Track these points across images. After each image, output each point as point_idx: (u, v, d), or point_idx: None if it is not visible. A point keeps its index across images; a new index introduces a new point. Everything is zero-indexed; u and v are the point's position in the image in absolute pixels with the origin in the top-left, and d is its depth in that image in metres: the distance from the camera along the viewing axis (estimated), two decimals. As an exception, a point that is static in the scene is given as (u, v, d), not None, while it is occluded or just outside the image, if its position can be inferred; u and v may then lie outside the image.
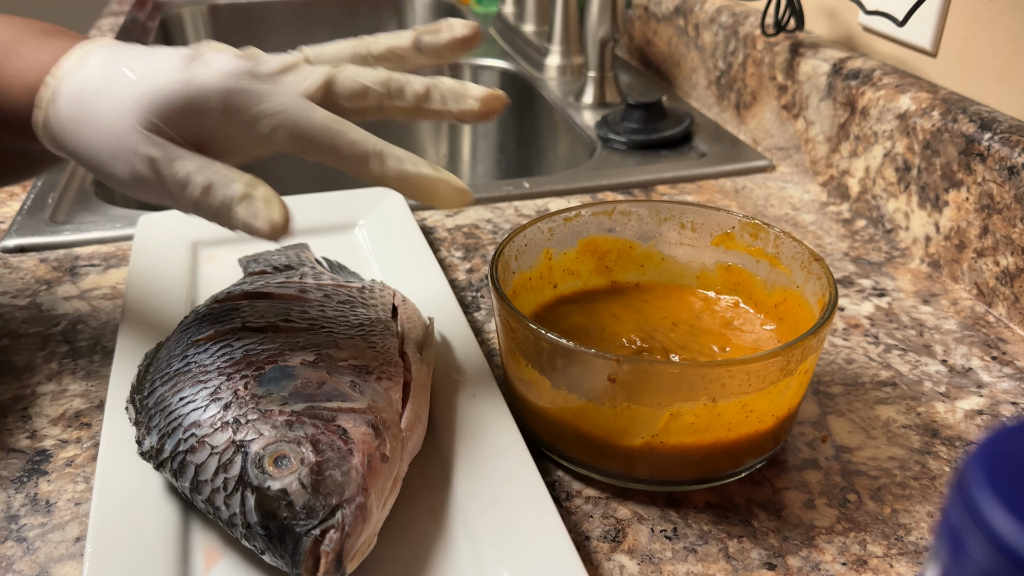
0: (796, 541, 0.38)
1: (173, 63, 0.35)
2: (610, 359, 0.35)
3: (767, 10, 0.73)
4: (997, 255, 0.53)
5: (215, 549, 0.35)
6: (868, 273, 0.59)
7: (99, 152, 0.35)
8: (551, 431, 0.41)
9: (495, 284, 0.40)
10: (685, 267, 0.49)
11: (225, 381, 0.37)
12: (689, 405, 0.36)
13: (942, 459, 0.43)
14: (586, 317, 0.47)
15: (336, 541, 0.31)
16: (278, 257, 0.53)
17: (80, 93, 0.35)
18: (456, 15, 1.28)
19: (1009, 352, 0.51)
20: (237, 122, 0.35)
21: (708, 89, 0.86)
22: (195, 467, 0.34)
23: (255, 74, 0.35)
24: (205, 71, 0.35)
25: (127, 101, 0.35)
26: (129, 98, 0.35)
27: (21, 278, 0.57)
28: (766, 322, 0.46)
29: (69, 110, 0.36)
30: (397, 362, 0.40)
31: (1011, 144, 0.52)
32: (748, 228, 0.46)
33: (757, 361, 0.35)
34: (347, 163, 0.35)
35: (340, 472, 0.33)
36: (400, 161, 0.35)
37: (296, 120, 0.35)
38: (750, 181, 0.73)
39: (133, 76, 0.35)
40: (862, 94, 0.64)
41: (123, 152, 0.34)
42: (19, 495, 0.40)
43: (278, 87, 0.35)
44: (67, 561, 0.36)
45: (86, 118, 0.35)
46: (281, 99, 0.35)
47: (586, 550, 0.37)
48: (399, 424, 0.37)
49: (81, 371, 0.48)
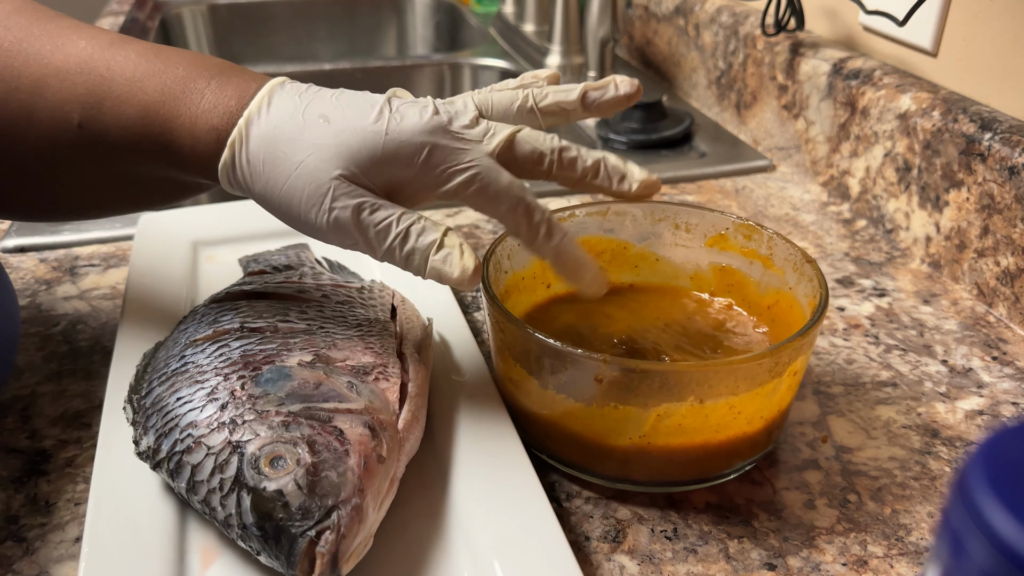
0: (796, 541, 0.38)
1: (367, 112, 0.36)
2: (596, 359, 0.35)
3: (767, 10, 0.73)
4: (997, 255, 0.53)
5: (211, 549, 0.35)
6: (868, 273, 0.59)
7: (293, 199, 0.36)
8: (542, 432, 0.41)
9: (485, 283, 0.40)
10: (679, 268, 0.49)
11: (222, 381, 0.37)
12: (676, 406, 0.36)
13: (942, 459, 0.42)
14: (579, 317, 0.47)
15: (332, 542, 0.31)
16: (278, 257, 0.53)
17: (273, 140, 0.36)
18: (456, 16, 1.28)
19: (1009, 352, 0.50)
20: (430, 175, 0.36)
21: (708, 89, 0.86)
22: (191, 467, 0.34)
23: (448, 130, 0.36)
24: (402, 125, 0.36)
25: (325, 151, 0.35)
26: (327, 148, 0.35)
27: (21, 278, 0.57)
28: (759, 324, 0.46)
29: (261, 156, 0.36)
30: (395, 363, 0.40)
31: (1011, 144, 0.52)
32: (742, 229, 0.46)
33: (744, 362, 0.35)
34: (518, 228, 0.37)
35: (336, 473, 0.32)
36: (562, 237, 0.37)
37: (486, 179, 0.36)
38: (750, 181, 0.73)
39: (329, 125, 0.36)
40: (862, 94, 0.64)
41: (321, 200, 0.35)
42: (19, 495, 0.40)
43: (469, 144, 0.36)
44: (67, 561, 0.36)
45: (281, 164, 0.35)
46: (472, 156, 0.36)
47: (586, 550, 0.37)
48: (396, 425, 0.37)
49: (81, 371, 0.48)
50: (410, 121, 0.36)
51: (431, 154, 0.36)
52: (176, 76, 0.37)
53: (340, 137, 0.35)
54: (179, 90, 0.37)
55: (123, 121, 0.37)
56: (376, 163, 0.35)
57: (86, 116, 0.37)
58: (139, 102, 0.37)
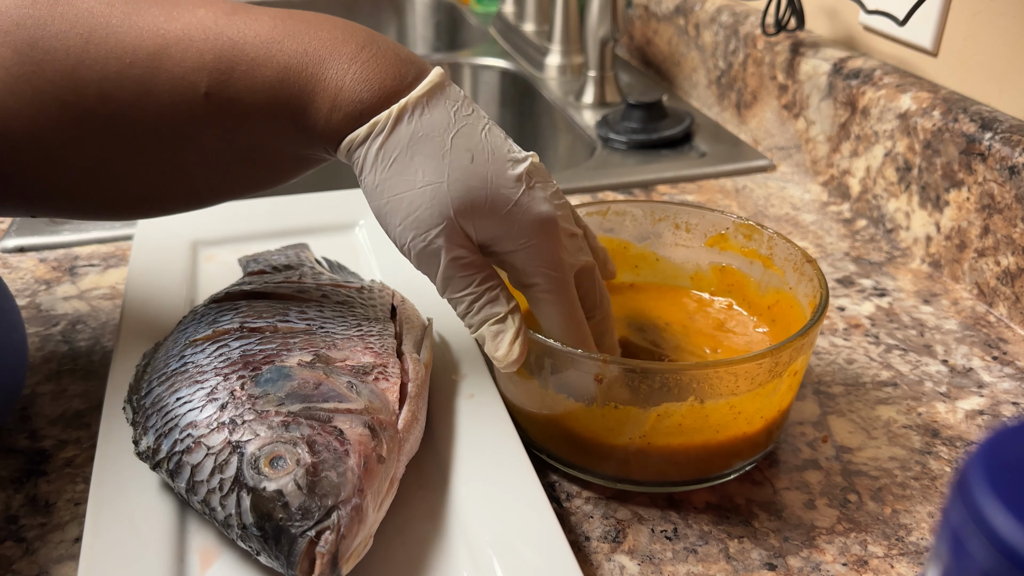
0: (797, 541, 0.38)
1: (507, 171, 0.36)
2: (596, 359, 0.35)
3: (767, 9, 0.73)
4: (998, 255, 0.53)
5: (211, 550, 0.35)
6: (869, 273, 0.59)
7: (400, 212, 0.35)
8: (542, 432, 0.41)
9: None
10: (679, 268, 0.49)
11: (222, 381, 0.37)
12: (676, 406, 0.36)
13: (943, 459, 0.42)
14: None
15: (331, 542, 0.31)
16: (278, 257, 0.53)
17: (413, 146, 0.35)
18: (456, 16, 1.28)
19: (1010, 352, 0.50)
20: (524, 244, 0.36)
21: (708, 89, 0.86)
22: (191, 467, 0.34)
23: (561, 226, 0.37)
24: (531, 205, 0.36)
25: (455, 188, 0.35)
26: (458, 185, 0.35)
27: (20, 278, 0.57)
28: (759, 324, 0.46)
29: (394, 155, 0.35)
30: (395, 363, 0.40)
31: (1012, 144, 0.52)
32: (742, 229, 0.46)
33: (743, 362, 0.35)
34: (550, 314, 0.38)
35: (336, 473, 0.32)
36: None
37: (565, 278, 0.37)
38: (750, 181, 0.73)
39: (471, 164, 0.35)
40: (863, 94, 0.64)
41: (426, 231, 0.35)
42: (18, 495, 0.40)
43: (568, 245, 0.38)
44: (66, 562, 0.36)
45: (408, 175, 0.35)
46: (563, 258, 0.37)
47: (586, 551, 0.37)
48: (396, 425, 0.37)
49: (80, 371, 0.48)
50: (539, 204, 0.36)
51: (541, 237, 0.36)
52: (321, 38, 0.36)
53: (472, 182, 0.35)
54: (326, 52, 0.35)
55: (258, 84, 0.35)
56: (492, 223, 0.36)
57: (215, 82, 0.35)
58: (278, 63, 0.35)
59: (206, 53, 0.35)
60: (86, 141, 0.36)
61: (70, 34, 0.35)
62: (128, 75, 0.35)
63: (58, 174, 0.38)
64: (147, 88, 0.36)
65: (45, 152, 0.37)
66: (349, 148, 0.36)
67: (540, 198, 0.36)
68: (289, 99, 0.36)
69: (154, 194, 0.41)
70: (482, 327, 0.37)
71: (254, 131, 0.37)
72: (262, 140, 0.38)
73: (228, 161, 0.39)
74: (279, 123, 0.36)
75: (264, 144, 0.38)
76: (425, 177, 0.35)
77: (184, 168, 0.39)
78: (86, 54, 0.35)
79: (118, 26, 0.36)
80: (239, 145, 0.38)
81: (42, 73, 0.35)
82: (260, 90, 0.35)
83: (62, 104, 0.35)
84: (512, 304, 0.37)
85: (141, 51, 0.35)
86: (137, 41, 0.35)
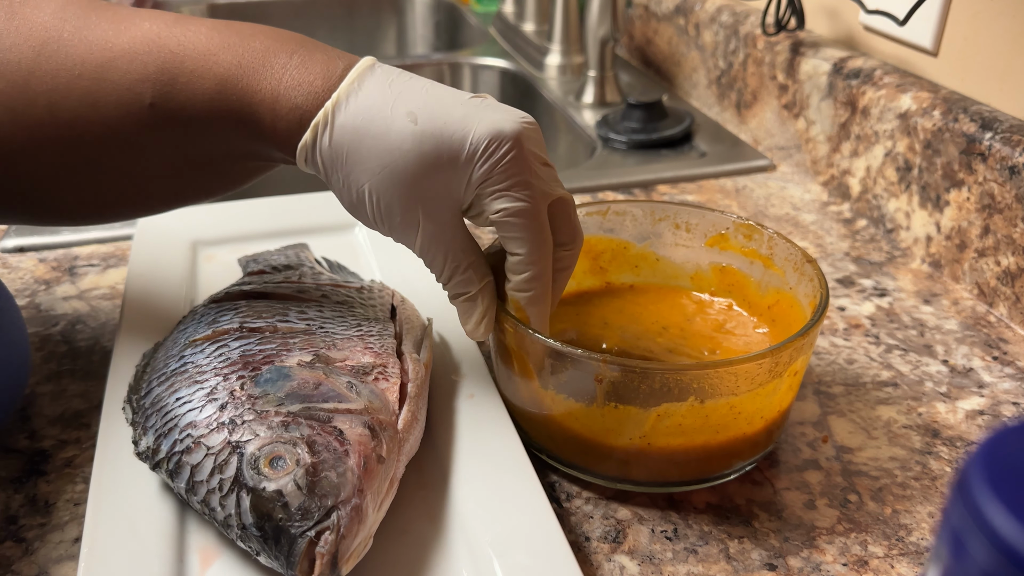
0: (797, 542, 0.37)
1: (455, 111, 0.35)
2: (596, 359, 0.35)
3: (768, 9, 0.73)
4: (998, 255, 0.53)
5: (211, 550, 0.35)
6: (869, 273, 0.59)
7: (367, 203, 0.36)
8: (542, 432, 0.41)
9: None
10: (679, 268, 0.49)
11: (222, 382, 0.37)
12: (676, 406, 0.36)
13: (943, 459, 0.42)
14: (579, 318, 0.47)
15: (331, 543, 0.31)
16: (277, 257, 0.53)
17: (358, 133, 0.35)
18: (456, 15, 1.28)
19: (1010, 352, 0.50)
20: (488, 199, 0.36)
21: (708, 88, 0.86)
22: (191, 468, 0.34)
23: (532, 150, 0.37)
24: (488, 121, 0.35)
25: (409, 158, 0.35)
26: (410, 155, 0.35)
27: (20, 278, 0.57)
28: (759, 325, 0.46)
29: (345, 148, 0.35)
30: (395, 363, 0.40)
31: (1012, 144, 0.52)
32: (742, 229, 0.46)
33: (743, 363, 0.35)
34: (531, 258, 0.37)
35: (336, 473, 0.32)
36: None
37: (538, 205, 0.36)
38: (751, 181, 0.73)
39: (415, 126, 0.35)
40: (863, 93, 0.64)
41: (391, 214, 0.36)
42: (18, 495, 0.40)
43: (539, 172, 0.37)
44: (66, 562, 0.36)
45: (364, 163, 0.35)
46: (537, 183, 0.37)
47: (586, 551, 0.37)
48: (396, 425, 0.37)
49: (80, 371, 0.48)
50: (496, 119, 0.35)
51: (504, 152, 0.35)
52: (253, 49, 0.37)
53: (424, 147, 0.35)
54: (258, 63, 0.36)
55: (198, 95, 0.36)
56: (456, 172, 0.35)
57: (158, 94, 0.36)
58: (215, 75, 0.36)
59: (149, 65, 0.36)
60: (38, 151, 0.37)
61: (23, 47, 0.36)
62: (76, 87, 0.36)
63: (12, 183, 0.39)
64: (95, 99, 0.36)
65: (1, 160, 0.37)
66: (304, 158, 0.36)
67: (499, 118, 0.35)
68: (230, 109, 0.36)
69: (108, 202, 0.41)
70: (455, 300, 0.39)
71: (202, 139, 0.38)
72: (212, 148, 0.38)
73: (179, 169, 0.39)
74: (226, 131, 0.37)
75: (214, 152, 0.39)
76: (379, 160, 0.35)
77: (135, 177, 0.40)
78: (37, 66, 0.36)
79: (69, 40, 0.37)
80: (188, 153, 0.38)
81: None
82: (200, 101, 0.36)
83: (13, 114, 0.36)
84: (484, 282, 0.38)
85: (90, 63, 0.36)
86: (86, 54, 0.36)
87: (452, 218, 0.37)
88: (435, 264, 0.38)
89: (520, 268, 0.37)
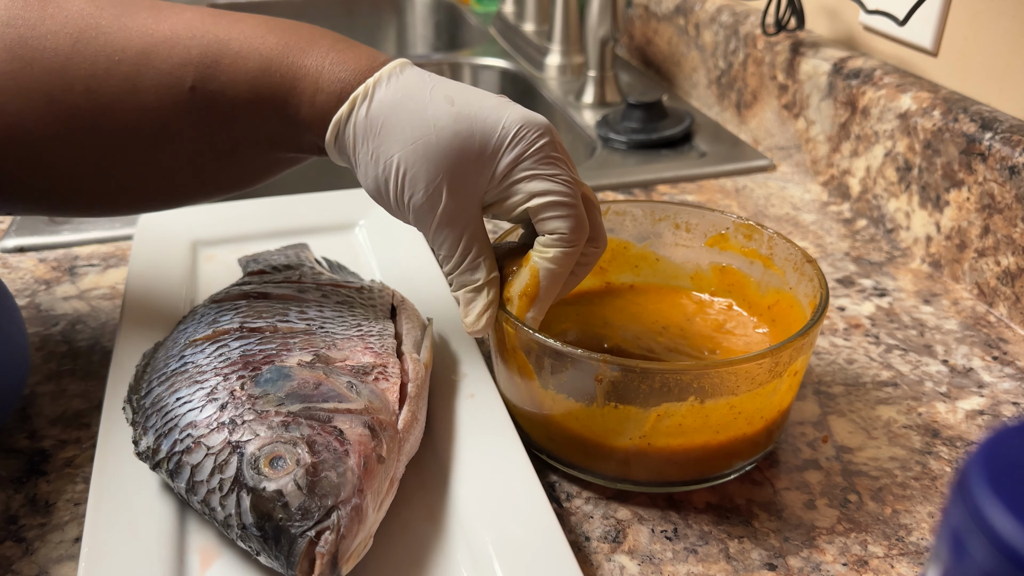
0: (797, 542, 0.37)
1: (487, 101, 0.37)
2: (596, 359, 0.35)
3: (768, 9, 0.73)
4: (998, 255, 0.53)
5: (211, 550, 0.35)
6: (869, 273, 0.59)
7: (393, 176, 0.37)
8: (542, 432, 0.41)
9: None
10: (679, 268, 0.49)
11: (222, 382, 0.37)
12: (676, 406, 0.36)
13: (943, 459, 0.42)
14: (579, 318, 0.47)
15: (331, 543, 0.31)
16: (277, 257, 0.53)
17: (396, 106, 0.36)
18: (456, 15, 1.28)
19: (1010, 352, 0.50)
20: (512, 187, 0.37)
21: (708, 88, 0.86)
22: (191, 468, 0.34)
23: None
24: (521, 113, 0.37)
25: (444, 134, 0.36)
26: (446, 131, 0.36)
27: (20, 278, 0.57)
28: (759, 325, 0.46)
29: (381, 119, 0.36)
30: (395, 363, 0.40)
31: (1012, 144, 0.52)
32: (742, 229, 0.46)
33: (744, 362, 0.35)
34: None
35: (336, 473, 0.32)
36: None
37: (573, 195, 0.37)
38: (751, 181, 0.73)
39: (452, 107, 0.36)
40: (863, 93, 0.64)
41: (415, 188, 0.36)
42: (18, 495, 0.40)
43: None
44: (66, 562, 0.36)
45: (397, 134, 0.36)
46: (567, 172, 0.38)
47: (586, 551, 0.37)
48: (396, 425, 0.37)
49: (80, 371, 0.48)
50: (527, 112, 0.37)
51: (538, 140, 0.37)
52: (299, 33, 0.38)
53: (459, 126, 0.36)
54: (304, 44, 0.38)
55: (241, 76, 0.37)
56: (486, 158, 0.36)
57: (200, 76, 0.37)
58: (260, 55, 0.37)
59: (192, 49, 0.37)
60: (69, 137, 0.38)
61: (60, 34, 0.37)
62: (116, 72, 0.37)
63: (38, 171, 0.39)
64: (134, 84, 0.37)
65: (27, 149, 0.38)
66: (336, 131, 0.37)
67: (528, 111, 0.37)
68: (272, 88, 0.37)
69: (128, 193, 0.42)
70: (459, 290, 0.39)
71: (236, 125, 0.38)
72: (243, 136, 0.39)
73: (205, 160, 0.40)
74: (262, 114, 0.38)
75: (243, 141, 0.39)
76: (413, 133, 0.36)
77: (160, 167, 0.40)
78: (75, 52, 0.37)
79: (107, 27, 0.37)
80: (219, 141, 0.39)
81: (30, 70, 0.37)
82: (243, 81, 0.37)
83: (49, 100, 0.37)
84: (492, 275, 0.38)
85: (130, 49, 0.37)
86: (126, 41, 0.37)
87: (473, 202, 0.37)
88: (447, 246, 0.37)
89: (557, 243, 0.37)
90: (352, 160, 0.38)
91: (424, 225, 0.37)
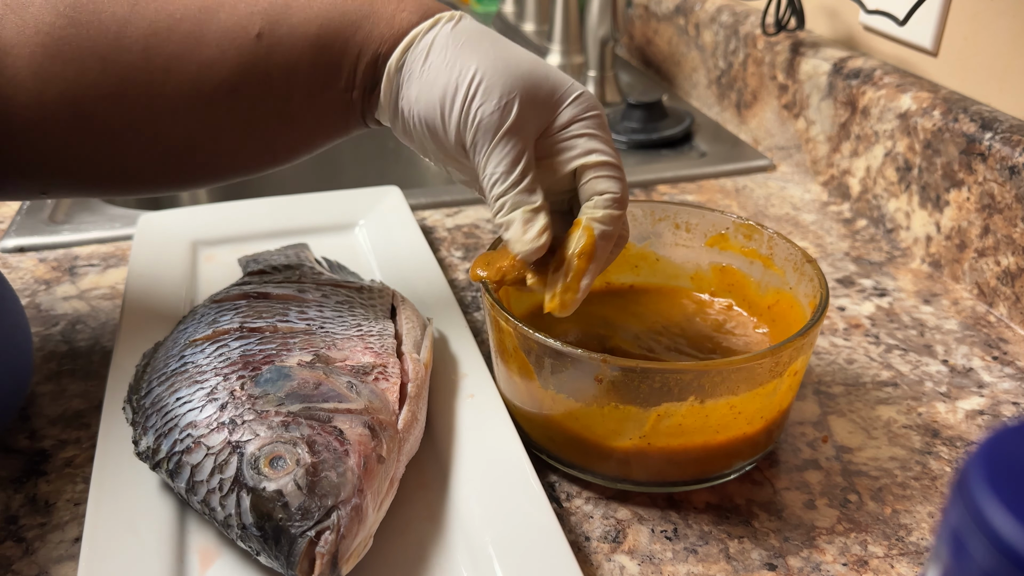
0: (797, 541, 0.37)
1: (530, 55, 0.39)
2: (596, 359, 0.35)
3: (768, 9, 0.73)
4: (998, 255, 0.53)
5: (211, 550, 0.35)
6: (869, 273, 0.59)
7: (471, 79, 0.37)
8: (543, 433, 0.41)
9: (484, 283, 0.40)
10: (680, 268, 0.49)
11: (222, 381, 0.37)
12: (676, 406, 0.36)
13: (943, 459, 0.42)
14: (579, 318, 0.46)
15: (331, 543, 0.31)
16: (277, 257, 0.53)
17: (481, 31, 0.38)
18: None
19: (1010, 352, 0.50)
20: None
21: (708, 88, 0.86)
22: (191, 468, 0.34)
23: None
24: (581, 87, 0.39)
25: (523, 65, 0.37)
26: (525, 63, 0.37)
27: (20, 278, 0.57)
28: (759, 325, 0.46)
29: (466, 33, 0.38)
30: (395, 363, 0.40)
31: (1012, 144, 0.52)
32: (742, 229, 0.46)
33: (744, 362, 0.35)
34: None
35: (336, 473, 0.32)
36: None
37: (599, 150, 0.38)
38: (751, 181, 0.73)
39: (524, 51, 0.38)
40: (863, 93, 0.64)
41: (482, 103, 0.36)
42: (18, 495, 0.40)
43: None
44: (66, 562, 0.36)
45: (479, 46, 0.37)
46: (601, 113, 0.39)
47: (586, 551, 0.37)
48: (396, 425, 0.37)
49: (80, 371, 0.48)
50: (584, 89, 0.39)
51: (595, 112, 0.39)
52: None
53: (536, 67, 0.37)
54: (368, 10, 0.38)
55: (312, 15, 0.38)
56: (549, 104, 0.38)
57: (268, 21, 0.37)
58: None
59: (261, 2, 0.38)
60: (122, 100, 0.37)
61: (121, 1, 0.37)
62: (178, 29, 0.37)
63: (84, 141, 0.38)
64: (197, 38, 0.37)
65: (76, 116, 0.37)
66: (409, 44, 0.38)
67: None
68: (343, 23, 0.38)
69: (173, 164, 0.41)
70: (515, 211, 0.37)
71: (296, 75, 0.38)
72: (300, 88, 0.39)
73: (256, 119, 0.40)
74: (324, 60, 0.38)
75: (298, 95, 0.39)
76: (497, 53, 0.37)
77: (215, 130, 0.40)
78: (134, 14, 0.37)
79: None
80: (274, 97, 0.39)
81: (85, 33, 0.36)
82: (313, 22, 0.38)
83: (104, 62, 0.37)
84: (544, 201, 0.37)
85: (192, 7, 0.37)
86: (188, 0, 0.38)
87: (537, 125, 0.38)
88: (506, 163, 0.37)
89: (609, 204, 0.38)
90: (415, 74, 0.38)
91: (487, 136, 0.37)
